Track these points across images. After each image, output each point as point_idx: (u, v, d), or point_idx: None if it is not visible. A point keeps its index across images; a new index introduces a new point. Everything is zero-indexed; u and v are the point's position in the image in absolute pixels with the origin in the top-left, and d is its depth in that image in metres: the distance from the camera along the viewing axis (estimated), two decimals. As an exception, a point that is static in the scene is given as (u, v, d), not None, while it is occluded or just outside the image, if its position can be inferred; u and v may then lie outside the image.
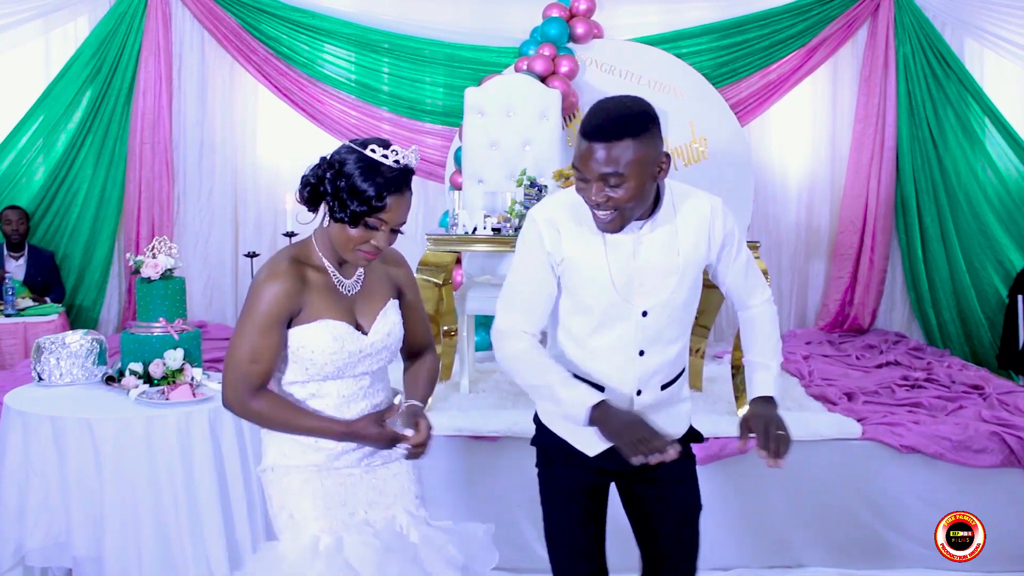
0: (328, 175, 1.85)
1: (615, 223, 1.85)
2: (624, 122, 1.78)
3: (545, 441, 2.10)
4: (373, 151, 1.83)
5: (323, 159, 1.90)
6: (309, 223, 1.98)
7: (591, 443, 2.01)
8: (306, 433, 1.93)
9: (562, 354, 2.02)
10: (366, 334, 1.96)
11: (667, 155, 1.86)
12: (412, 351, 2.17)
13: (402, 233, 1.92)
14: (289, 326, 1.91)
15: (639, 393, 1.98)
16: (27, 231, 5.47)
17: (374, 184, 1.81)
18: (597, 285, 1.92)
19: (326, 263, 1.95)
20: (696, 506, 2.13)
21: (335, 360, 1.92)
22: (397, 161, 1.84)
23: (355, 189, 1.82)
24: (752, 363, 2.08)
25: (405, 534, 2.01)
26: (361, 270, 2.00)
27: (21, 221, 5.41)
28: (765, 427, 1.89)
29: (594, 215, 1.87)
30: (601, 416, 1.81)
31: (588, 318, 1.96)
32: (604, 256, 1.91)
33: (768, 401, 2.00)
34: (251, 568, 1.98)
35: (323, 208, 1.90)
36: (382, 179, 1.82)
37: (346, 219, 1.84)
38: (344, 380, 1.97)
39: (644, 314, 1.93)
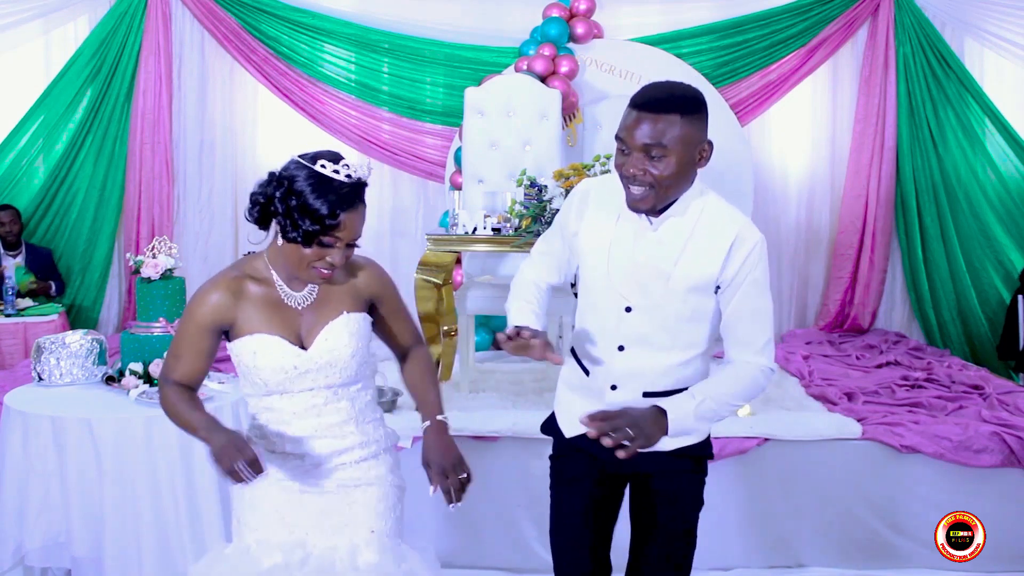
0: (278, 194, 1.78)
1: (647, 201, 1.83)
2: (674, 98, 1.80)
3: (557, 431, 2.11)
4: (323, 166, 1.75)
5: (272, 175, 1.83)
6: (260, 243, 1.93)
7: (568, 424, 2.04)
8: (183, 426, 1.88)
9: (574, 331, 2.07)
10: (306, 349, 1.90)
11: (710, 143, 1.85)
12: (401, 352, 2.12)
13: (358, 247, 1.86)
14: (230, 338, 1.89)
15: (614, 388, 1.96)
16: (21, 230, 5.45)
17: (326, 202, 1.74)
18: (595, 267, 1.94)
19: (274, 276, 1.89)
20: (683, 526, 2.06)
21: (273, 375, 1.86)
22: (349, 175, 1.76)
23: (306, 207, 1.74)
24: (691, 389, 1.92)
25: (337, 567, 1.90)
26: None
27: (14, 222, 5.39)
28: (617, 417, 1.79)
29: (627, 190, 1.85)
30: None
31: (586, 299, 1.99)
32: (609, 240, 1.91)
33: (657, 413, 1.84)
34: (201, 563, 1.98)
35: (275, 225, 1.84)
36: (334, 196, 1.74)
37: (299, 238, 1.77)
38: (292, 396, 1.90)
39: (628, 310, 1.91)
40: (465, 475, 1.94)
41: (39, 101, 5.62)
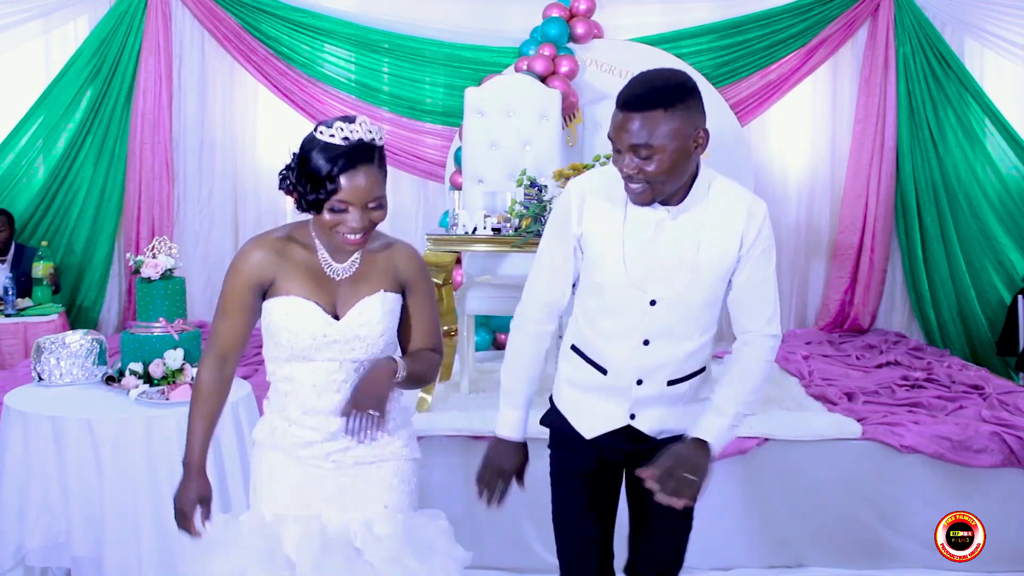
0: (292, 163, 1.84)
1: (646, 196, 1.82)
2: (656, 92, 1.77)
3: (556, 422, 2.09)
4: (321, 132, 1.79)
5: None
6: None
7: (589, 426, 2.01)
8: (188, 437, 1.98)
9: (576, 331, 2.03)
10: (339, 319, 1.91)
11: (706, 131, 1.82)
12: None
13: (381, 208, 1.84)
14: (266, 296, 1.92)
15: (639, 383, 1.95)
16: (11, 235, 5.37)
17: (322, 165, 1.77)
18: (610, 265, 1.90)
19: (317, 244, 1.92)
20: (686, 511, 2.04)
21: (299, 340, 1.88)
22: (346, 138, 1.78)
23: (308, 174, 1.79)
24: (711, 403, 1.93)
25: (353, 540, 1.92)
26: (357, 257, 1.94)
27: (3, 227, 5.31)
28: (672, 467, 1.81)
29: (627, 188, 1.85)
30: (490, 448, 2.09)
31: (599, 299, 1.95)
32: (622, 236, 1.89)
33: (699, 445, 1.86)
34: (218, 525, 2.01)
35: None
36: (329, 158, 1.77)
37: (306, 206, 1.82)
38: (315, 365, 1.91)
39: (652, 303, 1.89)
40: (377, 414, 1.87)
41: (39, 101, 5.62)
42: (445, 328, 4.08)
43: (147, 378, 3.02)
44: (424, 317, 2.03)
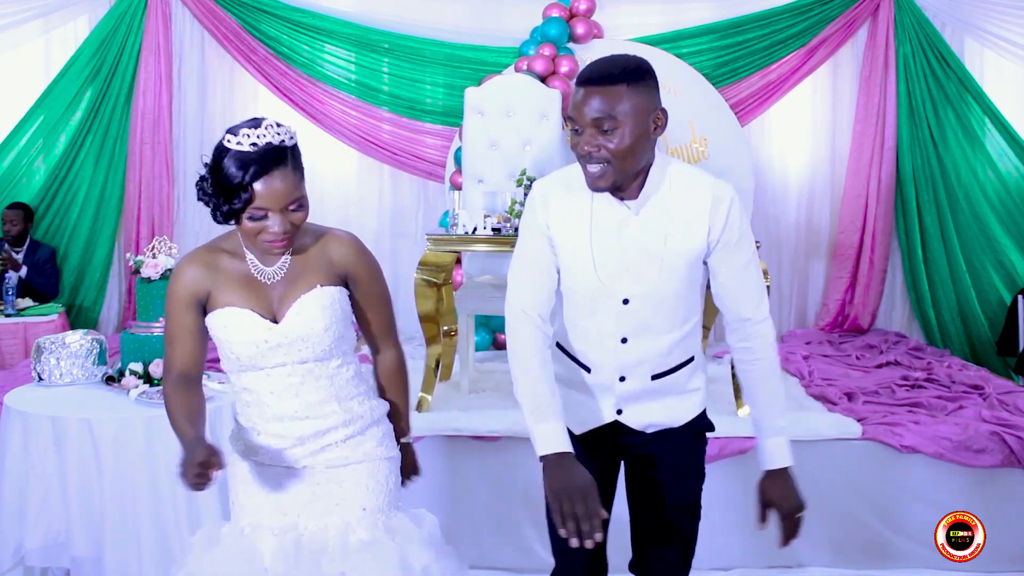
0: (205, 174, 1.78)
1: (606, 178, 1.79)
2: (618, 69, 1.79)
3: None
4: (228, 140, 1.73)
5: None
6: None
7: (579, 423, 2.01)
8: (176, 431, 1.86)
9: (561, 330, 2.02)
10: (278, 323, 1.87)
11: (664, 111, 1.83)
12: (373, 345, 2.07)
13: (303, 208, 1.80)
14: (206, 312, 1.89)
15: (622, 380, 1.95)
16: (26, 229, 5.45)
17: (234, 174, 1.71)
18: (580, 269, 1.89)
19: (246, 251, 1.89)
20: (690, 500, 2.08)
21: (242, 350, 1.86)
22: (254, 143, 1.72)
23: (221, 184, 1.74)
24: (761, 425, 2.00)
25: (329, 546, 1.89)
26: (287, 257, 1.90)
27: (17, 221, 5.38)
28: (790, 514, 1.98)
29: (585, 172, 1.82)
30: (549, 467, 1.75)
31: (574, 301, 1.95)
32: (588, 237, 1.87)
33: (781, 476, 2.02)
34: (198, 538, 1.99)
35: None
36: (241, 166, 1.71)
37: (221, 218, 1.78)
38: (267, 372, 1.88)
39: (625, 302, 1.88)
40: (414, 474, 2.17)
41: (39, 101, 5.63)
42: (445, 328, 4.08)
43: (147, 378, 3.02)
44: (373, 308, 2.01)
